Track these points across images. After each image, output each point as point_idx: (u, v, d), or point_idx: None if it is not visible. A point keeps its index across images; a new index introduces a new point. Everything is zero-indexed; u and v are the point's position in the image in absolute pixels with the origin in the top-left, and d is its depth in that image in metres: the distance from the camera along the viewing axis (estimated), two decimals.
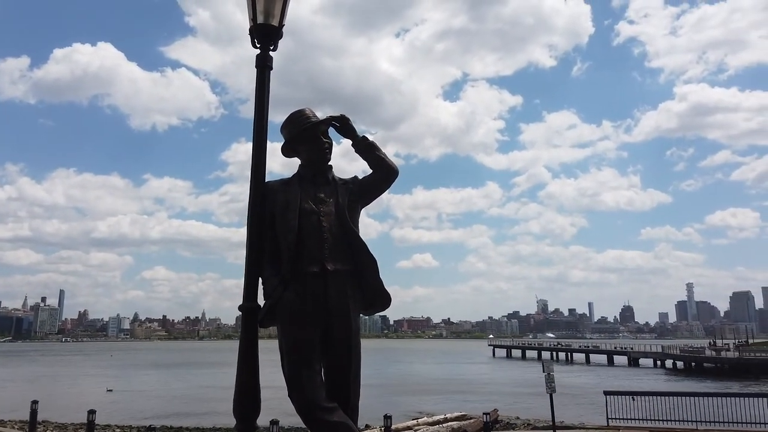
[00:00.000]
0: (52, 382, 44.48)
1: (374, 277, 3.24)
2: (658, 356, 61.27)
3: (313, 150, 3.34)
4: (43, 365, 72.62)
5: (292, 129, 3.35)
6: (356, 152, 3.44)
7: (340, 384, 3.14)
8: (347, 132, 3.43)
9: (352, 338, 3.18)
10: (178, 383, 44.08)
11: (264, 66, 3.34)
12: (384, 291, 3.27)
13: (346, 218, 3.25)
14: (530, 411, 22.53)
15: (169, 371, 59.29)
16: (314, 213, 3.21)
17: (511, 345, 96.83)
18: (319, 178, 3.35)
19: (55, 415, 22.11)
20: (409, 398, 31.09)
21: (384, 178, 3.42)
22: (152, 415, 24.58)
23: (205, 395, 33.23)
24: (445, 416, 18.16)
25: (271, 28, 3.34)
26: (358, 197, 3.37)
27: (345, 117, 3.42)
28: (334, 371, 3.16)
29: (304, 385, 3.01)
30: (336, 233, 3.21)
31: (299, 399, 3.01)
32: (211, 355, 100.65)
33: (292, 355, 3.08)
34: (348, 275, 3.20)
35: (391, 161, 3.41)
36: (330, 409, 3.00)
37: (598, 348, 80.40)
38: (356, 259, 3.24)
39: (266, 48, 3.37)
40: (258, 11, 3.29)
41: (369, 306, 3.32)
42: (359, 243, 3.25)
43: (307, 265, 3.13)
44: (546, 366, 14.53)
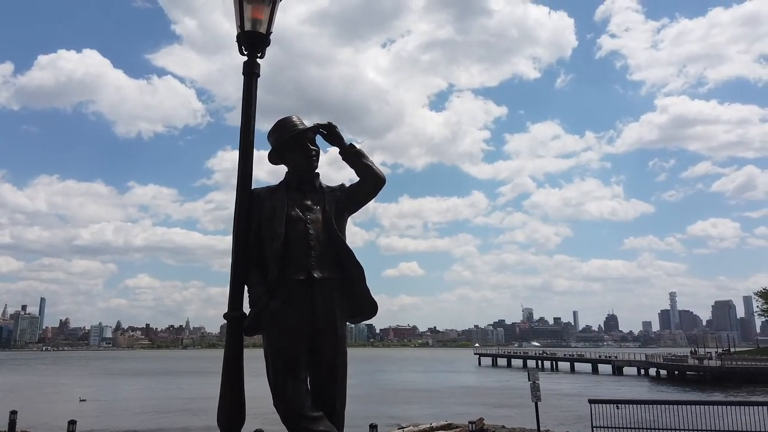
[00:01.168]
0: (31, 392, 43.63)
1: (361, 286, 3.23)
2: (641, 365, 61.70)
3: (300, 157, 3.33)
4: (22, 374, 71.28)
5: (279, 136, 3.34)
6: (343, 160, 3.43)
7: (326, 393, 3.12)
8: (334, 139, 3.43)
9: (339, 346, 3.16)
10: (159, 393, 43.45)
11: (251, 73, 3.33)
12: (371, 299, 3.26)
13: (333, 226, 3.25)
14: (516, 419, 22.53)
15: (150, 380, 58.46)
16: (301, 220, 3.20)
17: (497, 353, 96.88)
18: (306, 185, 3.34)
19: (34, 425, 21.69)
20: (395, 407, 30.95)
21: (371, 185, 3.41)
22: (132, 425, 24.21)
23: (187, 405, 32.80)
24: (431, 425, 18.11)
25: (258, 36, 3.34)
26: (345, 205, 3.37)
27: (332, 125, 3.42)
28: (320, 380, 3.13)
29: (289, 394, 2.99)
30: (323, 241, 3.20)
31: (285, 408, 2.99)
32: (193, 363, 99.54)
33: (278, 364, 3.05)
34: (335, 283, 3.19)
35: (379, 169, 3.40)
36: (316, 418, 2.97)
37: (582, 356, 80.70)
38: (343, 267, 3.23)
39: (253, 55, 3.36)
40: (245, 18, 3.29)
41: (356, 314, 3.30)
42: (346, 251, 3.24)
43: (293, 273, 3.11)
44: (531, 374, 14.58)
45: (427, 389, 45.07)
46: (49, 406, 31.87)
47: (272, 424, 10.01)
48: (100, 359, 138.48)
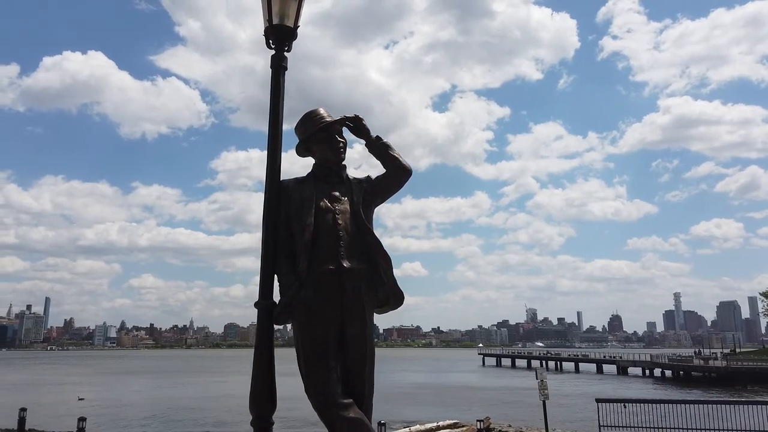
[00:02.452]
0: (34, 390, 43.81)
1: (388, 275, 3.26)
2: (646, 365, 61.54)
3: (327, 150, 3.37)
4: (26, 373, 71.54)
5: (306, 129, 3.38)
6: (369, 152, 3.47)
7: (355, 380, 3.15)
8: (361, 132, 3.47)
9: (367, 336, 3.21)
10: (161, 392, 43.59)
11: (279, 66, 3.37)
12: (398, 289, 3.29)
13: (361, 216, 3.29)
14: (521, 419, 22.52)
15: (152, 380, 58.61)
16: (330, 211, 3.24)
17: (501, 354, 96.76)
18: (334, 177, 3.38)
19: (41, 423, 21.80)
20: (401, 406, 30.95)
21: (397, 177, 3.46)
22: (136, 424, 24.29)
23: (188, 404, 32.89)
24: (437, 424, 18.09)
25: (286, 29, 3.38)
26: (372, 196, 3.42)
27: (359, 117, 3.45)
28: (349, 368, 3.17)
29: (320, 382, 3.03)
30: (351, 231, 3.24)
31: (316, 396, 3.03)
32: (197, 363, 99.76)
33: (309, 353, 3.10)
34: (363, 273, 3.22)
35: (405, 161, 3.45)
36: (346, 405, 3.01)
37: (587, 357, 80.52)
38: (371, 257, 3.27)
39: (281, 49, 3.40)
40: (273, 12, 3.32)
41: (383, 303, 3.33)
42: (374, 241, 3.28)
43: (323, 263, 3.15)
44: (539, 373, 14.57)
45: (432, 389, 45.06)
46: (50, 404, 31.98)
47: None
48: (104, 359, 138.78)
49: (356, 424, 2.99)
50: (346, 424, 2.98)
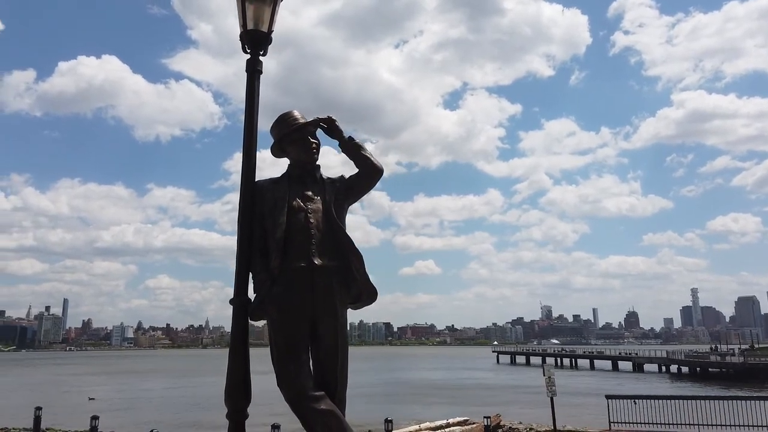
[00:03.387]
0: (52, 390, 44.52)
1: (360, 272, 3.34)
2: (663, 361, 61.03)
3: (301, 150, 3.47)
4: (45, 373, 72.66)
5: (280, 130, 3.48)
6: (343, 152, 3.57)
7: (327, 374, 3.25)
8: (334, 133, 3.56)
9: (339, 331, 3.29)
10: (178, 391, 44.08)
11: (254, 70, 3.48)
12: (370, 285, 3.37)
13: (333, 215, 3.38)
14: (533, 416, 22.46)
15: (167, 379, 59.25)
16: (302, 210, 3.34)
17: (515, 351, 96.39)
18: (307, 177, 3.48)
19: (56, 422, 22.16)
20: (413, 403, 31.05)
21: (369, 176, 3.53)
22: (152, 421, 24.58)
23: (205, 403, 33.21)
24: (447, 421, 18.12)
25: (260, 34, 3.49)
26: (344, 195, 3.51)
27: (331, 118, 3.55)
28: (321, 363, 3.26)
29: (292, 375, 3.13)
30: (323, 229, 3.33)
31: (288, 389, 3.13)
32: (213, 362, 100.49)
33: (281, 347, 3.20)
34: (335, 270, 3.31)
35: (376, 161, 3.52)
36: (318, 397, 3.11)
37: (602, 354, 79.94)
38: (343, 255, 3.35)
39: (256, 53, 3.51)
40: (248, 18, 3.44)
41: (356, 300, 3.41)
42: (345, 239, 3.37)
43: (295, 260, 3.25)
44: (546, 370, 14.59)
45: (445, 386, 45.07)
46: (63, 404, 32.44)
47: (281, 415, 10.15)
48: (121, 359, 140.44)
49: (327, 415, 3.08)
50: (317, 416, 3.07)
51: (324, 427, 3.07)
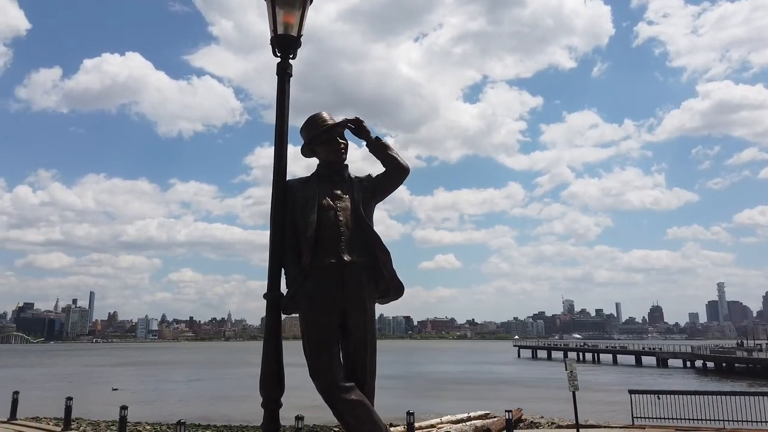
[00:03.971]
0: (81, 381, 45.56)
1: (388, 268, 3.49)
2: (687, 357, 60.10)
3: (329, 151, 3.62)
4: (74, 365, 74.32)
5: (310, 131, 3.63)
6: (370, 152, 3.70)
7: (357, 366, 3.41)
8: (361, 133, 3.70)
9: (368, 324, 3.45)
10: (205, 382, 44.81)
11: (284, 74, 3.64)
12: (397, 281, 3.52)
13: (361, 213, 3.52)
14: (555, 410, 22.45)
15: (195, 371, 60.22)
16: (331, 209, 3.49)
17: (537, 345, 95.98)
18: (336, 176, 3.62)
19: (85, 412, 22.74)
20: (433, 397, 31.15)
21: (395, 175, 3.67)
22: (178, 413, 25.06)
23: (231, 394, 33.73)
24: (469, 415, 18.22)
25: (290, 39, 3.64)
26: (372, 194, 3.65)
27: (359, 119, 3.69)
28: (351, 355, 3.43)
29: (324, 366, 3.29)
30: (352, 227, 3.48)
31: (320, 379, 3.30)
32: (235, 355, 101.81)
33: (313, 339, 3.36)
34: (363, 266, 3.46)
35: (403, 160, 3.65)
36: (348, 388, 3.28)
37: (625, 348, 79.04)
38: (371, 251, 3.50)
39: (286, 57, 3.66)
40: (278, 23, 3.59)
41: (384, 295, 3.56)
42: (373, 236, 3.51)
43: (325, 257, 3.40)
44: (569, 364, 14.50)
45: (466, 380, 45.09)
46: (89, 394, 33.19)
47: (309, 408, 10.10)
48: (146, 351, 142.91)
49: (356, 405, 3.24)
50: (347, 405, 3.23)
51: (353, 416, 3.23)
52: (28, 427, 15.69)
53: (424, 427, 16.14)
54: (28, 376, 50.87)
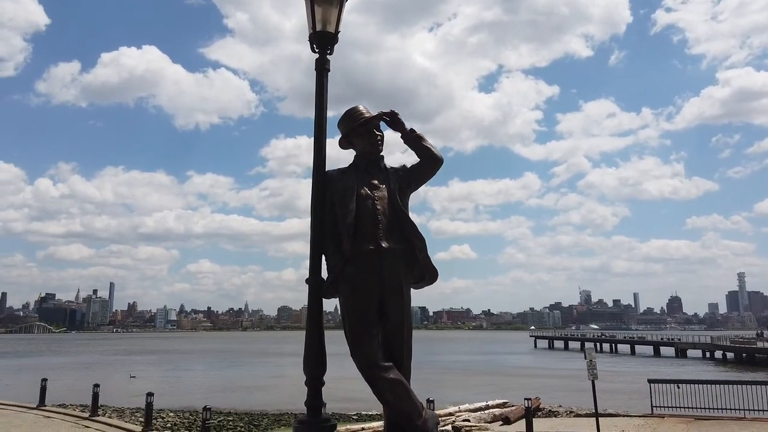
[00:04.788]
0: (104, 369, 46.44)
1: (423, 254, 3.69)
2: (706, 347, 59.56)
3: (366, 143, 3.81)
4: (95, 354, 75.73)
5: (347, 124, 3.82)
6: (405, 143, 3.87)
7: (394, 347, 3.60)
8: (396, 126, 3.88)
9: (404, 308, 3.64)
10: (224, 372, 45.44)
11: (322, 69, 3.82)
12: (432, 266, 3.72)
13: (398, 202, 3.70)
14: (573, 400, 22.52)
15: (213, 360, 61.08)
16: (369, 198, 3.68)
17: (553, 336, 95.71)
18: (373, 167, 3.82)
19: (109, 400, 23.25)
20: (450, 387, 31.35)
21: (429, 166, 3.85)
22: (199, 400, 25.49)
23: (249, 384, 34.19)
24: (487, 403, 18.34)
25: (328, 35, 3.81)
26: (407, 183, 3.83)
27: (394, 112, 3.86)
28: (389, 338, 3.61)
29: (364, 346, 3.50)
30: (389, 215, 3.67)
31: (360, 358, 3.50)
32: (254, 344, 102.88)
33: (353, 321, 3.57)
34: (400, 252, 3.65)
35: (437, 151, 3.83)
36: (387, 367, 3.48)
37: (643, 339, 78.54)
38: (407, 239, 3.68)
39: (324, 53, 3.84)
40: (317, 20, 3.76)
41: (419, 280, 3.76)
42: (409, 224, 3.70)
43: (364, 244, 3.60)
44: (588, 353, 14.52)
45: (482, 370, 45.24)
46: (112, 382, 33.80)
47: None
48: (165, 340, 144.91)
49: (395, 383, 3.44)
50: (386, 383, 3.43)
51: (392, 394, 3.43)
52: (56, 413, 16.09)
53: (443, 415, 16.28)
54: (53, 364, 52.05)
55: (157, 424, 17.53)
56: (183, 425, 18.33)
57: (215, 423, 18.72)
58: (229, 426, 18.52)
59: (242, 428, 18.12)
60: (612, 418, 15.89)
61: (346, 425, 14.62)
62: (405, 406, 3.43)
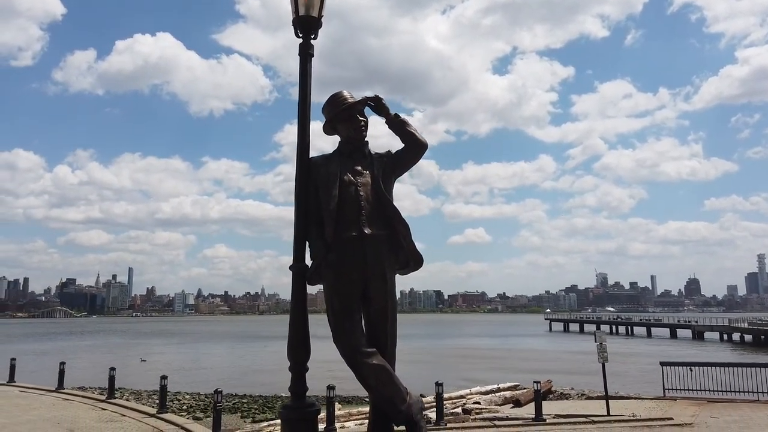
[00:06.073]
0: (124, 353, 47.30)
1: (407, 240, 3.68)
2: (724, 329, 58.96)
3: (350, 128, 3.78)
4: (117, 337, 77.08)
5: (331, 110, 3.79)
6: (389, 128, 3.84)
7: (378, 333, 3.62)
8: (381, 111, 3.84)
9: (388, 294, 3.64)
10: (240, 355, 46.05)
11: (306, 54, 3.78)
12: (416, 252, 3.70)
13: (381, 188, 3.69)
14: (586, 383, 22.51)
15: (230, 344, 61.88)
16: (352, 184, 3.67)
17: (569, 319, 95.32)
18: (357, 153, 3.80)
19: (128, 382, 23.73)
20: (464, 369, 31.47)
21: (414, 151, 3.82)
22: (215, 383, 25.87)
23: (264, 367, 34.59)
24: (498, 386, 18.42)
25: (311, 19, 3.77)
26: (391, 169, 3.81)
27: (378, 97, 3.82)
28: (373, 323, 3.64)
29: (347, 332, 3.52)
30: (372, 201, 3.66)
31: (343, 344, 3.52)
32: (271, 327, 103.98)
33: (336, 307, 3.58)
34: (383, 238, 3.64)
35: (421, 136, 3.79)
36: (370, 353, 3.49)
37: (660, 321, 77.95)
38: (391, 225, 3.67)
39: (308, 38, 3.80)
40: (299, 4, 3.73)
41: (404, 266, 3.76)
42: (393, 210, 3.68)
43: (346, 230, 3.60)
44: (598, 336, 14.48)
45: (496, 353, 45.33)
46: (127, 365, 34.40)
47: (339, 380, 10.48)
48: (183, 324, 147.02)
49: (379, 369, 3.46)
50: (370, 369, 3.45)
51: (375, 379, 3.45)
52: (74, 396, 16.44)
53: (454, 397, 16.39)
54: (75, 348, 53.15)
55: (173, 407, 17.92)
56: (198, 407, 18.67)
57: (230, 405, 19.08)
58: (243, 408, 18.83)
59: (256, 410, 18.41)
60: (623, 401, 15.85)
61: (357, 407, 14.81)
62: (388, 391, 3.45)
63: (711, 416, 12.24)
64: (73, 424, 11.85)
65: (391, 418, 3.54)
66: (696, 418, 12.05)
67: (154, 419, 12.55)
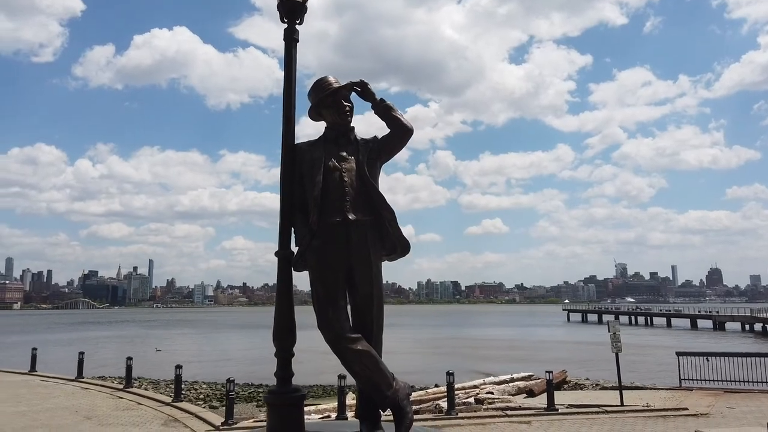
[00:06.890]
0: (144, 343, 48.04)
1: (393, 226, 3.63)
2: (746, 320, 58.03)
3: (335, 113, 3.74)
4: (138, 328, 78.36)
5: (316, 95, 3.75)
6: (375, 113, 3.80)
7: (364, 319, 3.60)
8: (367, 96, 3.80)
9: (374, 280, 3.61)
10: (258, 345, 46.47)
11: (291, 39, 3.75)
12: (403, 238, 3.66)
13: (366, 174, 3.64)
14: (602, 374, 22.33)
15: (250, 334, 62.49)
16: (337, 170, 3.63)
17: (587, 309, 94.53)
18: (342, 138, 3.75)
19: (146, 372, 24.09)
20: (479, 359, 31.43)
21: (399, 136, 3.77)
22: (231, 372, 26.12)
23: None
24: (512, 376, 18.36)
25: (296, 4, 3.75)
26: (377, 154, 3.76)
27: (364, 82, 3.78)
28: (358, 310, 3.61)
29: (331, 319, 3.49)
30: (357, 187, 3.62)
31: (328, 330, 3.50)
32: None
33: (320, 293, 3.56)
34: (368, 224, 3.61)
35: (407, 121, 3.75)
36: (355, 339, 3.48)
37: (680, 312, 76.90)
38: (376, 210, 3.63)
39: (293, 22, 3.76)
40: None
41: (391, 252, 3.71)
42: (378, 195, 3.64)
43: (331, 216, 3.56)
44: (611, 326, 14.38)
45: (513, 344, 45.13)
46: (147, 355, 34.89)
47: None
48: (202, 314, 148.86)
49: (364, 355, 3.44)
50: (355, 355, 3.44)
51: (360, 365, 3.43)
52: (93, 385, 16.77)
53: (467, 387, 16.37)
54: (96, 338, 54.12)
55: (189, 396, 18.18)
56: (215, 396, 18.89)
57: (245, 394, 19.29)
58: (258, 398, 19.01)
59: None
60: (638, 391, 15.72)
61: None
62: (374, 377, 3.43)
63: (727, 406, 12.09)
64: (90, 412, 12.12)
65: (378, 404, 3.52)
66: (712, 408, 11.91)
67: (170, 407, 12.78)
